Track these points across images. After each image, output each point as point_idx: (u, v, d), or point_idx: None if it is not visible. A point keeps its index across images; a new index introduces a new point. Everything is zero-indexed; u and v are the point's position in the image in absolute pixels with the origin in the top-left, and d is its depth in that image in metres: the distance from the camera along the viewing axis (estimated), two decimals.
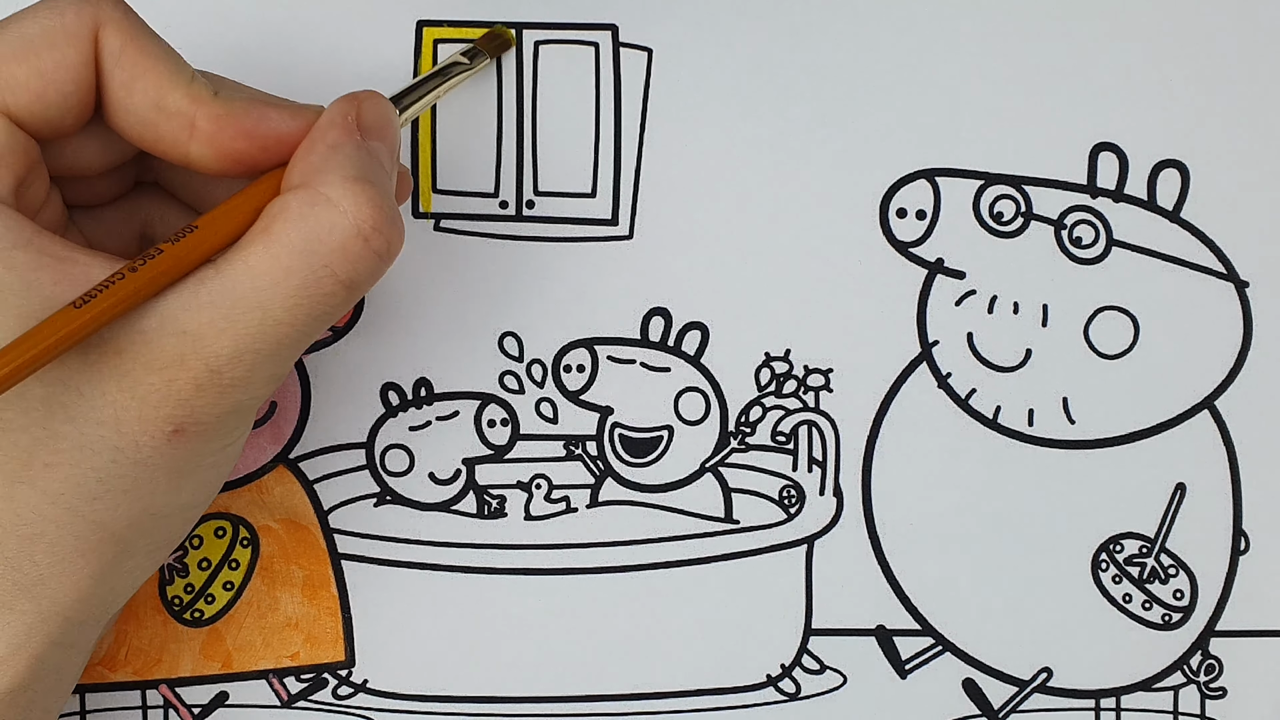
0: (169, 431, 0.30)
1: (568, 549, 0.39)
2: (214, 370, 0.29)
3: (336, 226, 0.30)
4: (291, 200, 0.30)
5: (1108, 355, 0.40)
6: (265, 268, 0.29)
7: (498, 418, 0.39)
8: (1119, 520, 0.40)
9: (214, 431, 0.30)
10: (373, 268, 0.30)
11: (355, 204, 0.30)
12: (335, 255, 0.30)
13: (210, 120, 0.31)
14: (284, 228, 0.30)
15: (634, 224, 0.39)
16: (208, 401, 0.30)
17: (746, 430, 0.40)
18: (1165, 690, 0.40)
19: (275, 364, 0.30)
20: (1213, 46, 0.40)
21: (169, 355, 0.29)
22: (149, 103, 0.31)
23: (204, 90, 0.31)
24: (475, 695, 0.39)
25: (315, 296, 0.30)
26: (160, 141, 0.31)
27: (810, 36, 0.39)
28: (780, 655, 0.40)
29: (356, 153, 0.31)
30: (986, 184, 0.40)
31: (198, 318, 0.29)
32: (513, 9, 0.39)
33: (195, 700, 0.39)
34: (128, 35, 0.31)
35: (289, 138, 0.31)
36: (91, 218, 0.35)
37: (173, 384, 0.29)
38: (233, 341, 0.29)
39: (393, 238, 0.30)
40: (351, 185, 0.30)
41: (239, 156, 0.31)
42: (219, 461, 0.32)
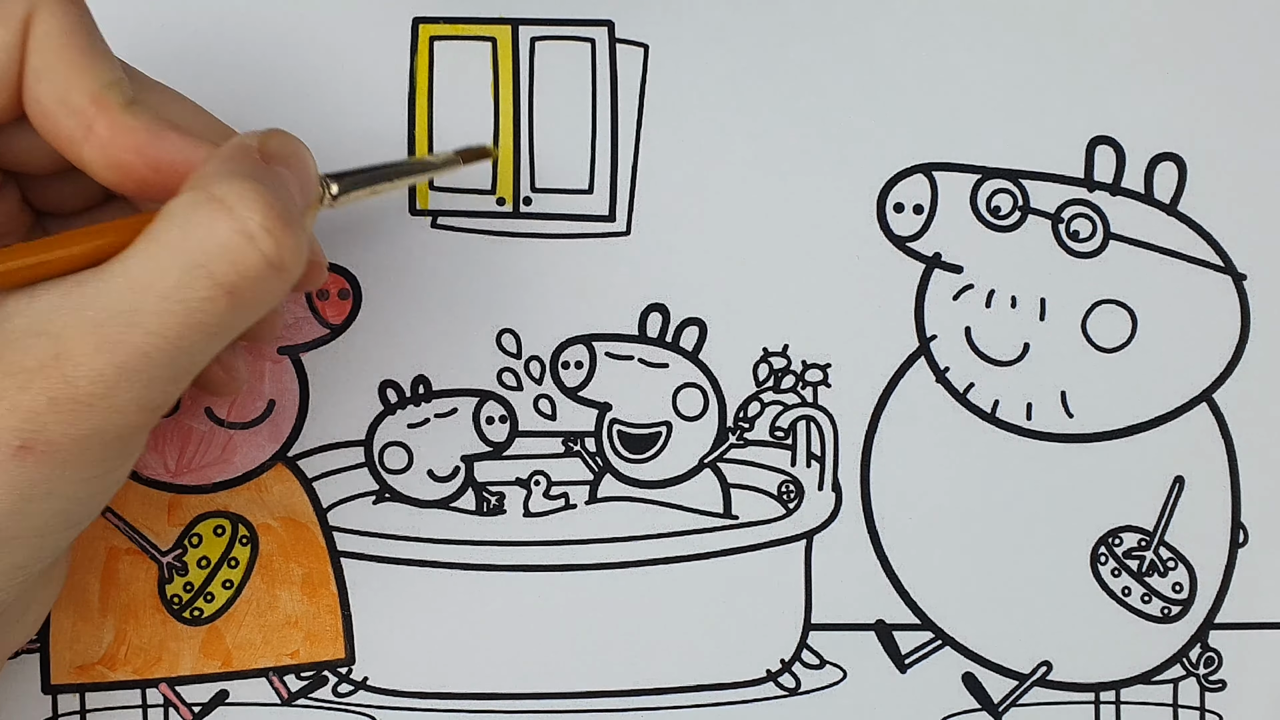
0: (15, 446, 0.27)
1: (567, 545, 0.39)
2: (69, 381, 0.27)
3: (218, 223, 0.27)
4: (176, 202, 0.28)
5: (1106, 349, 0.40)
6: (139, 269, 0.27)
7: (496, 415, 0.39)
8: (1118, 514, 0.40)
9: (69, 457, 0.28)
10: (260, 273, 0.27)
11: (241, 200, 0.27)
12: (214, 255, 0.27)
13: (107, 128, 0.29)
14: (164, 226, 0.27)
15: (631, 220, 0.39)
16: (62, 419, 0.27)
17: (745, 426, 0.40)
18: (1165, 683, 0.40)
19: (142, 385, 0.28)
20: (1209, 39, 0.40)
21: (29, 359, 0.27)
22: (55, 94, 0.29)
23: (115, 97, 0.29)
24: (475, 692, 0.39)
25: (190, 302, 0.27)
26: (58, 137, 0.30)
27: (807, 31, 0.39)
28: (780, 650, 0.40)
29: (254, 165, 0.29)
30: (984, 178, 0.40)
31: (65, 319, 0.27)
32: (509, 5, 0.39)
33: (195, 699, 0.39)
34: (56, 24, 0.29)
35: (183, 165, 0.29)
36: (60, 226, 0.34)
37: (25, 392, 0.27)
38: (93, 349, 0.27)
39: (285, 241, 0.28)
40: (240, 182, 0.28)
41: (129, 171, 0.29)
42: (80, 495, 0.29)
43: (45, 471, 0.28)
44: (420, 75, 0.38)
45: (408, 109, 0.38)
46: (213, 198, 0.27)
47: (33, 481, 0.28)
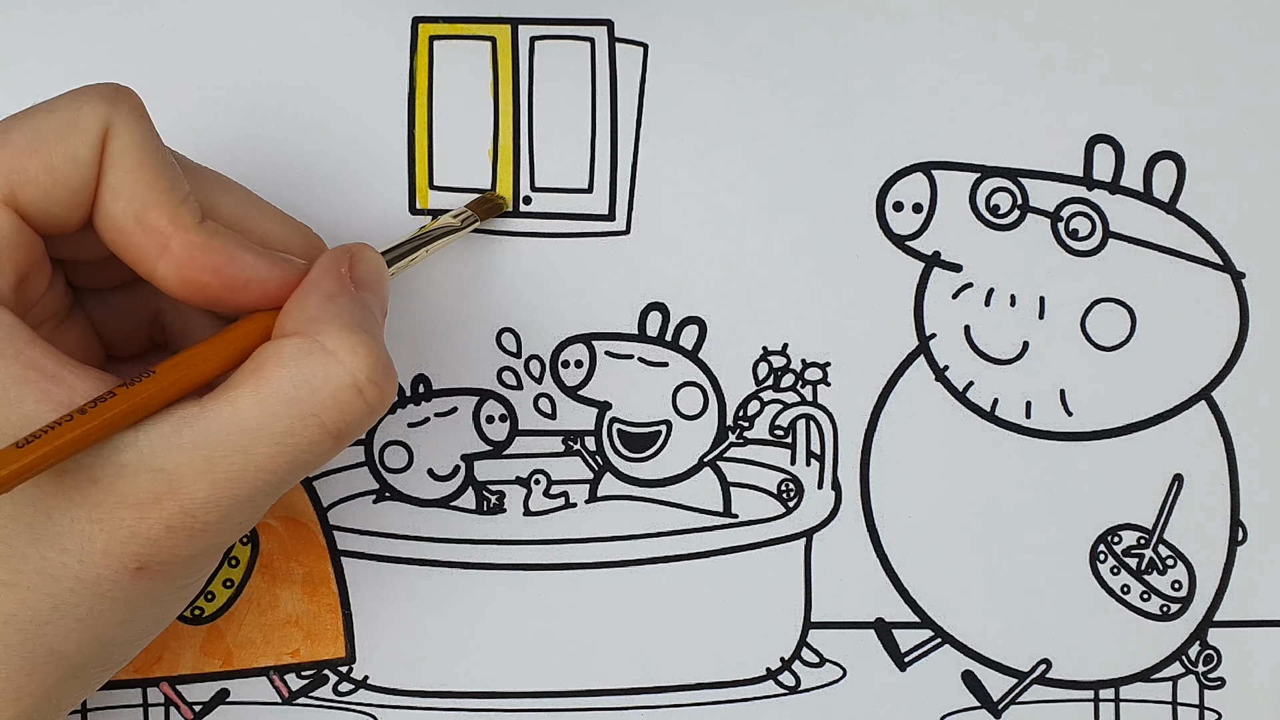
0: (133, 569, 0.29)
1: (567, 544, 0.39)
2: (187, 513, 0.29)
3: (332, 376, 0.29)
4: (286, 346, 0.29)
5: (1105, 347, 0.40)
6: (252, 412, 0.29)
7: (496, 414, 0.39)
8: (1117, 511, 0.40)
9: (178, 572, 0.30)
10: (363, 420, 0.29)
11: (352, 354, 0.29)
12: (326, 405, 0.29)
13: (184, 247, 0.30)
14: (276, 372, 0.29)
15: (631, 219, 0.39)
16: (177, 543, 0.29)
17: (745, 424, 0.40)
18: (1164, 681, 0.40)
19: (251, 509, 0.30)
20: (1208, 37, 0.40)
21: (143, 492, 0.28)
22: (131, 212, 0.30)
23: (189, 216, 0.30)
24: (475, 690, 0.39)
25: (300, 445, 0.29)
26: (131, 253, 0.30)
27: (806, 30, 0.39)
28: (780, 648, 0.40)
29: (352, 304, 0.31)
30: (983, 177, 0.40)
31: (177, 457, 0.28)
32: (509, 5, 0.39)
33: (196, 698, 0.39)
34: (133, 140, 0.30)
35: (257, 285, 0.31)
36: (99, 300, 0.34)
37: (143, 521, 0.29)
38: (210, 485, 0.29)
39: (387, 390, 0.30)
40: (348, 335, 0.29)
41: (202, 289, 0.30)
42: (178, 599, 0.32)
43: (156, 585, 0.30)
44: (420, 75, 0.38)
45: (408, 109, 0.38)
46: (325, 349, 0.29)
47: (145, 595, 0.30)
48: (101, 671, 0.32)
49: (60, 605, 0.29)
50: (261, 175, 0.38)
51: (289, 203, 0.38)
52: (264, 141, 0.38)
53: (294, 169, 0.38)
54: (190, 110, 0.38)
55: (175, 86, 0.38)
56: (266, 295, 0.31)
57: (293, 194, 0.38)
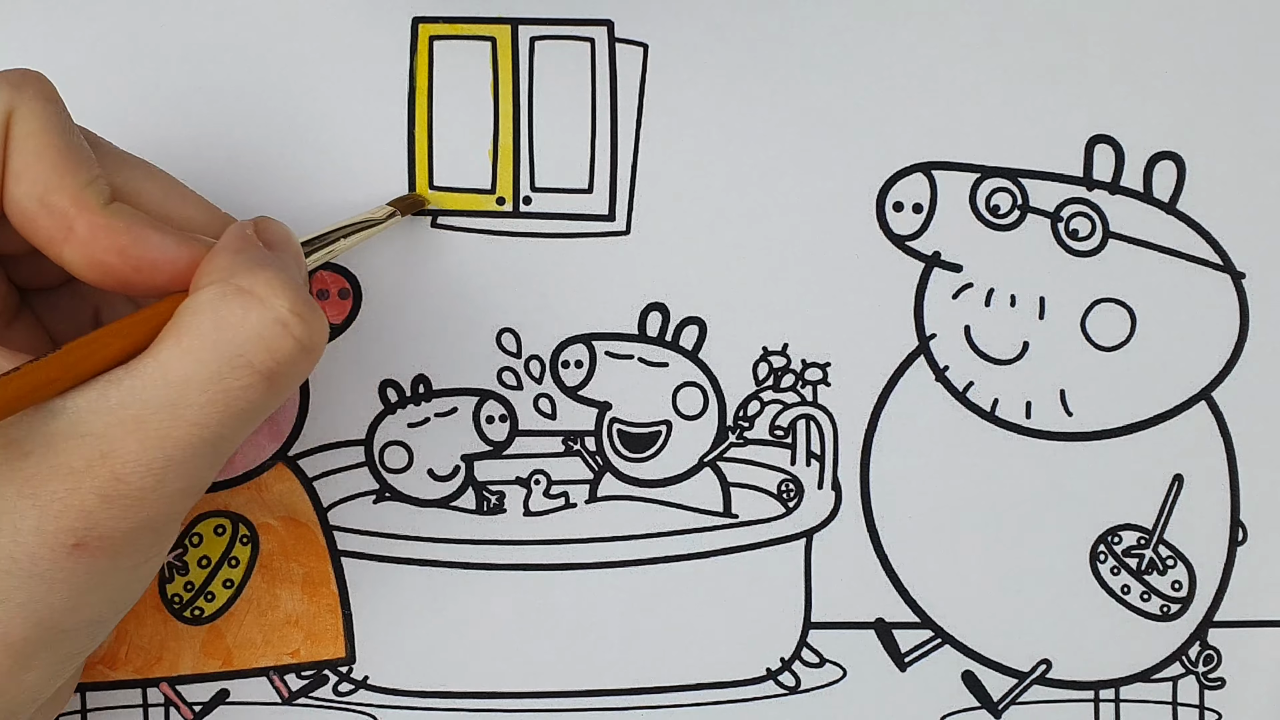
0: (70, 545, 0.28)
1: (567, 544, 0.39)
2: (120, 478, 0.28)
3: (251, 312, 0.28)
4: (202, 295, 0.29)
5: (1105, 347, 0.40)
6: (176, 364, 0.28)
7: (496, 414, 0.39)
8: (1117, 512, 0.40)
9: (121, 548, 0.29)
10: (293, 357, 0.29)
11: (269, 288, 0.28)
12: (251, 343, 0.28)
13: (88, 228, 0.29)
14: (194, 320, 0.28)
15: (631, 219, 0.39)
16: (113, 514, 0.28)
17: (745, 425, 0.40)
18: (1164, 681, 0.40)
19: (189, 474, 0.29)
20: (1208, 38, 0.40)
21: (75, 459, 0.28)
22: (34, 195, 0.29)
23: (94, 198, 0.30)
24: (475, 691, 0.39)
25: (231, 390, 0.28)
26: (37, 235, 0.30)
27: (806, 30, 0.39)
28: (780, 649, 0.40)
29: (264, 253, 0.30)
30: (983, 177, 0.40)
31: (105, 419, 0.28)
32: (508, 5, 0.39)
33: (196, 698, 0.39)
34: (37, 124, 0.29)
35: (167, 264, 0.30)
36: (45, 300, 0.34)
37: (75, 492, 0.28)
38: (140, 445, 0.28)
39: (314, 325, 0.29)
40: (263, 271, 0.29)
41: (110, 271, 0.30)
42: (129, 580, 0.30)
43: (99, 564, 0.29)
44: (420, 75, 0.38)
45: (407, 109, 0.38)
46: (240, 289, 0.28)
47: (88, 574, 0.29)
48: (57, 662, 0.31)
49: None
50: (261, 175, 0.38)
51: (289, 203, 0.38)
52: (264, 141, 0.38)
53: (294, 169, 0.38)
54: (189, 110, 0.38)
55: (175, 86, 0.38)
56: (177, 276, 0.30)
57: (292, 194, 0.38)
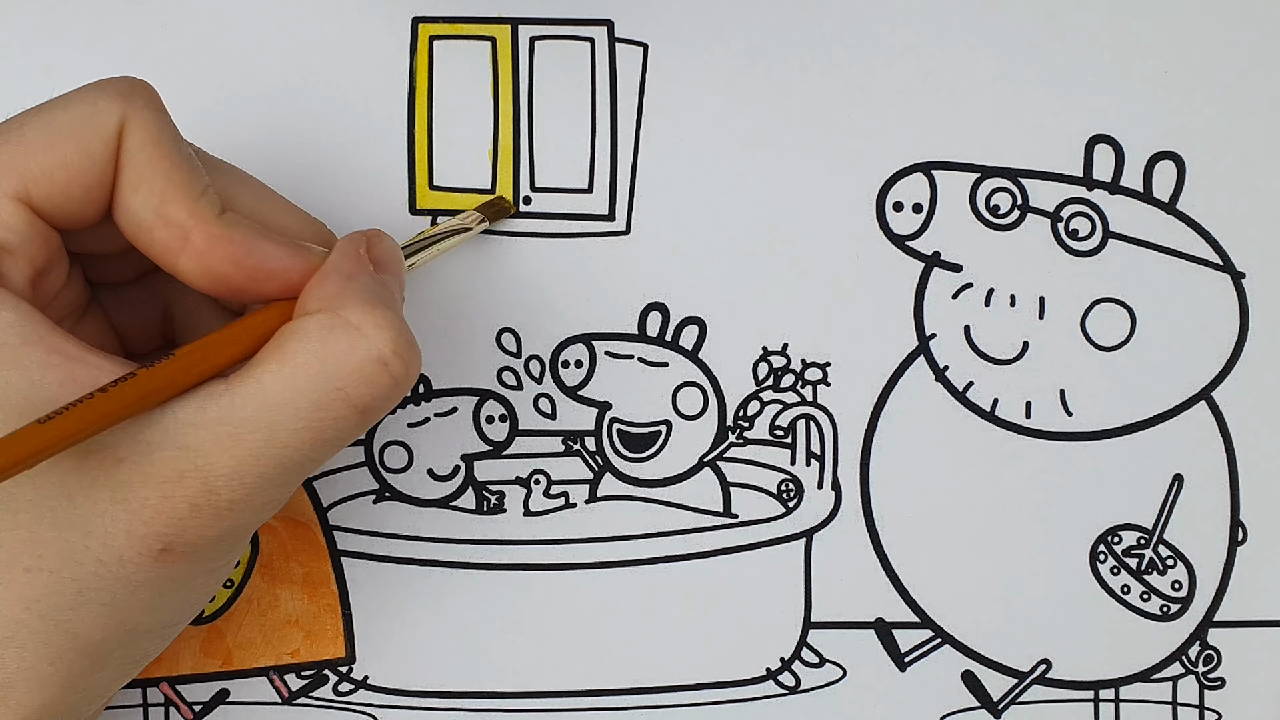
0: (157, 550, 0.29)
1: (567, 544, 0.39)
2: (211, 490, 0.28)
3: (356, 349, 0.29)
4: (309, 323, 0.29)
5: (1105, 347, 0.40)
6: (277, 388, 0.29)
7: (496, 414, 0.39)
8: (1117, 512, 0.40)
9: (204, 554, 0.30)
10: (388, 395, 0.29)
11: (376, 328, 0.29)
12: (352, 379, 0.29)
13: (205, 239, 0.30)
14: (300, 347, 0.29)
15: (631, 219, 0.39)
16: (201, 523, 0.29)
17: (745, 424, 0.40)
18: (1164, 681, 0.40)
19: (276, 489, 0.29)
20: (1208, 37, 0.40)
21: (168, 470, 0.28)
22: (150, 206, 0.30)
23: (208, 209, 0.30)
24: (475, 690, 0.39)
25: (325, 420, 0.29)
26: (153, 247, 0.30)
27: (805, 30, 0.39)
28: (780, 649, 0.40)
29: (372, 282, 0.31)
30: (983, 177, 0.40)
31: (202, 434, 0.28)
32: (509, 5, 0.39)
33: (196, 698, 0.39)
34: (150, 135, 0.30)
35: (280, 274, 0.31)
36: (115, 295, 0.34)
37: (167, 500, 0.28)
38: (234, 461, 0.28)
39: (412, 364, 0.30)
40: (372, 310, 0.29)
41: (224, 279, 0.30)
42: (206, 583, 0.31)
43: (181, 569, 0.29)
44: (420, 75, 0.38)
45: (408, 109, 0.38)
46: (348, 324, 0.29)
47: (170, 579, 0.29)
48: (129, 662, 0.31)
49: (84, 590, 0.29)
50: (261, 175, 0.38)
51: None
52: (264, 142, 0.38)
53: (294, 169, 0.38)
54: (190, 110, 0.38)
55: (175, 86, 0.38)
56: (289, 285, 0.31)
57: (293, 194, 0.38)
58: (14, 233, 0.30)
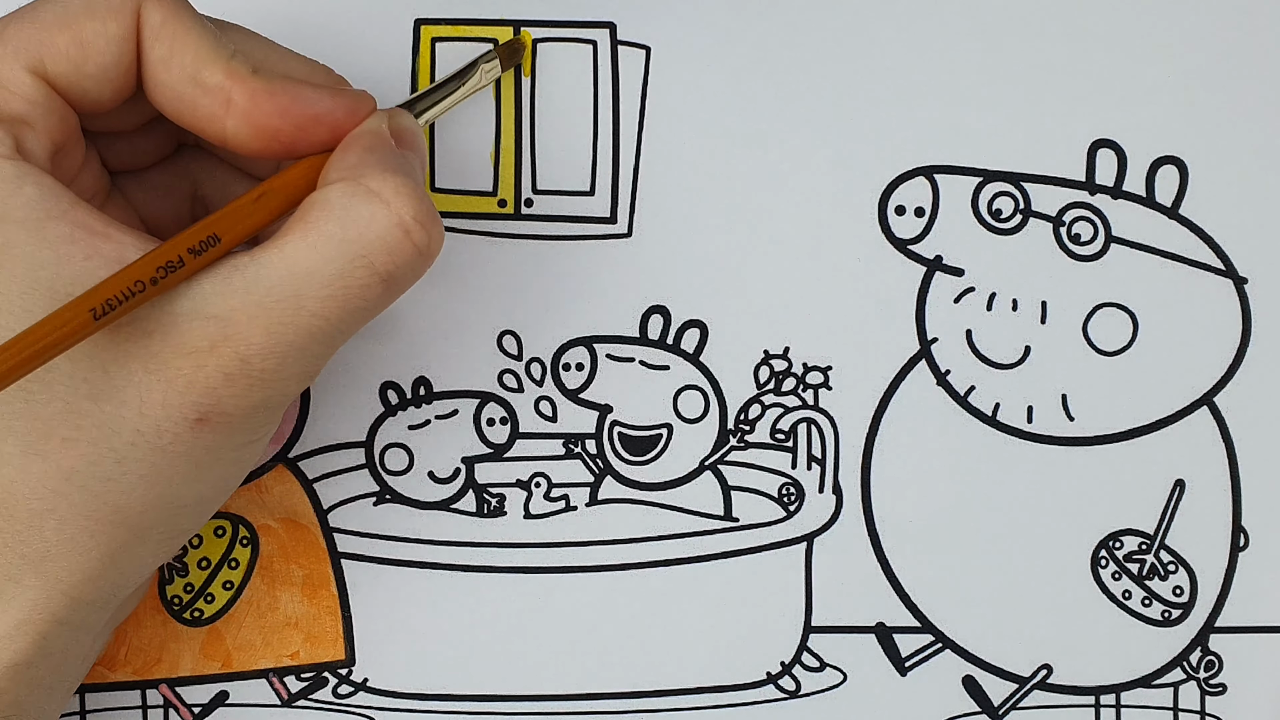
0: (193, 420, 0.29)
1: (567, 547, 0.39)
2: (244, 359, 0.29)
3: (377, 216, 0.29)
4: (331, 192, 0.29)
5: (1107, 352, 0.40)
6: (301, 256, 0.29)
7: (497, 416, 0.39)
8: (1118, 517, 0.40)
9: (239, 425, 0.30)
10: (412, 262, 0.30)
11: (397, 194, 0.29)
12: (374, 246, 0.29)
13: (247, 97, 0.30)
14: (322, 215, 0.29)
15: (633, 222, 0.39)
16: (235, 392, 0.29)
17: (746, 428, 0.40)
18: (1165, 687, 0.40)
19: (306, 359, 0.30)
20: (1211, 42, 0.40)
21: (199, 340, 0.29)
22: (186, 77, 0.30)
23: (242, 67, 0.31)
24: (475, 693, 0.39)
25: (351, 288, 0.29)
26: (197, 117, 0.31)
27: (808, 34, 0.39)
28: (780, 653, 0.40)
29: (393, 154, 0.31)
30: (985, 181, 0.40)
31: (229, 303, 0.29)
32: (511, 7, 0.39)
33: (195, 700, 0.39)
34: (169, 10, 0.30)
35: (325, 117, 0.31)
36: (137, 181, 0.35)
37: (201, 370, 0.29)
38: (264, 331, 0.29)
39: (434, 232, 0.30)
40: (392, 177, 0.30)
41: (275, 134, 0.31)
42: (241, 457, 0.32)
43: (218, 439, 0.30)
44: (422, 76, 0.38)
45: None
46: (370, 191, 0.29)
47: (206, 449, 0.30)
48: (168, 538, 0.32)
49: (123, 460, 0.29)
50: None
51: None
52: None
53: None
54: None
55: None
56: (337, 128, 0.31)
57: None
58: (34, 105, 0.30)
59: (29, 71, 0.30)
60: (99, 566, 0.30)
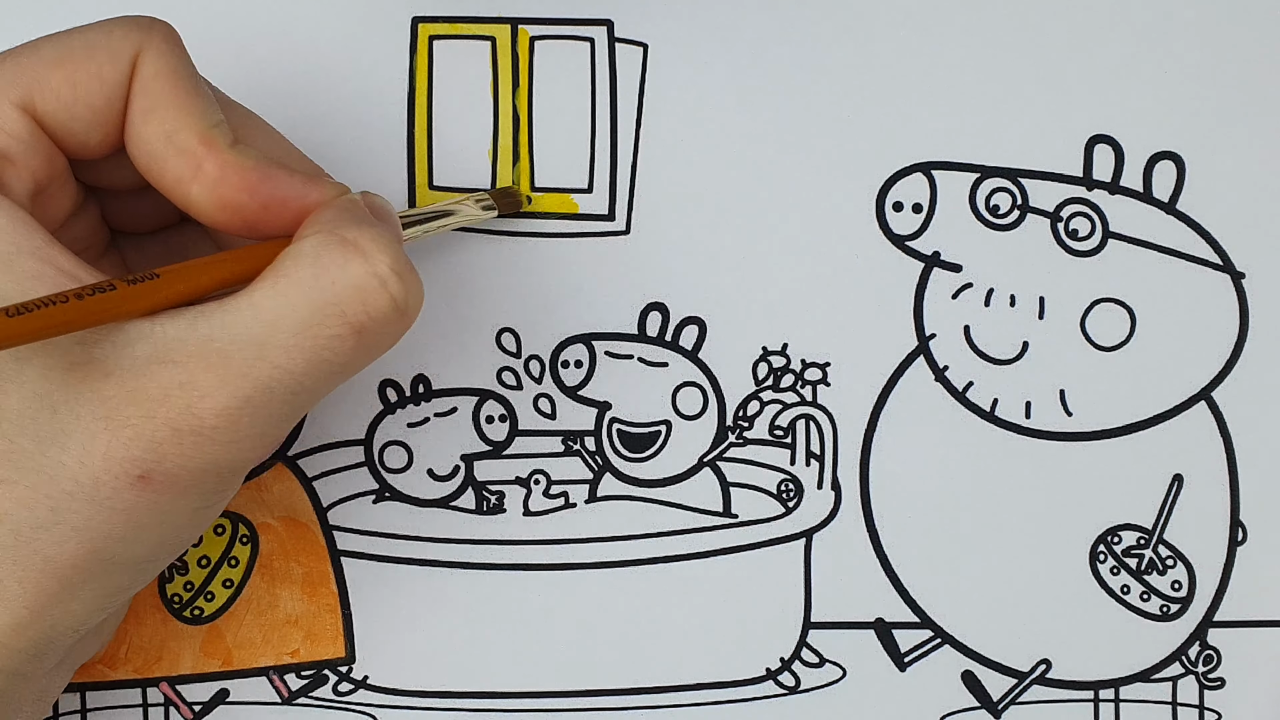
0: (135, 475, 0.28)
1: (566, 544, 0.39)
2: (194, 413, 0.28)
3: (351, 263, 0.28)
4: (306, 243, 0.29)
5: (1105, 347, 0.40)
6: (268, 305, 0.28)
7: (496, 414, 0.39)
8: (1117, 512, 0.40)
9: (185, 487, 0.29)
10: (387, 316, 0.29)
11: (374, 243, 0.28)
12: (347, 294, 0.28)
13: (217, 166, 0.29)
14: (294, 265, 0.28)
15: (631, 219, 0.39)
16: (182, 450, 0.28)
17: (744, 424, 0.40)
18: (1164, 681, 0.40)
19: (263, 419, 0.28)
20: (1208, 37, 0.40)
21: (152, 388, 0.28)
22: (162, 134, 0.30)
23: (221, 138, 0.30)
24: (475, 690, 0.39)
25: (319, 339, 0.28)
26: (164, 177, 0.30)
27: (806, 30, 0.39)
28: (779, 649, 0.40)
29: (369, 214, 0.30)
30: (983, 177, 0.40)
31: (189, 349, 0.28)
32: (509, 4, 0.39)
33: (196, 698, 0.39)
34: (164, 65, 0.30)
35: (293, 203, 0.30)
36: (133, 245, 0.34)
37: (149, 421, 0.28)
38: (219, 380, 0.28)
39: (412, 287, 0.29)
40: (369, 228, 0.29)
41: (238, 210, 0.30)
42: (187, 524, 0.30)
43: (160, 500, 0.29)
44: (420, 75, 0.39)
45: (407, 108, 0.38)
46: (345, 240, 0.28)
47: (148, 509, 0.29)
48: (103, 595, 0.30)
49: (57, 509, 0.28)
50: None
51: None
52: None
53: None
54: None
55: None
56: (304, 214, 0.30)
57: None
58: (16, 140, 0.29)
59: (16, 107, 0.29)
60: (26, 615, 0.29)
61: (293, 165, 0.32)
